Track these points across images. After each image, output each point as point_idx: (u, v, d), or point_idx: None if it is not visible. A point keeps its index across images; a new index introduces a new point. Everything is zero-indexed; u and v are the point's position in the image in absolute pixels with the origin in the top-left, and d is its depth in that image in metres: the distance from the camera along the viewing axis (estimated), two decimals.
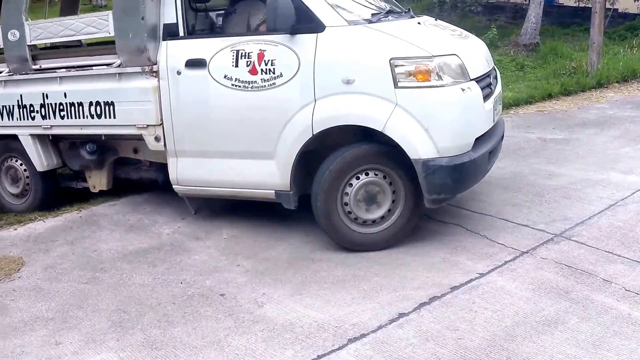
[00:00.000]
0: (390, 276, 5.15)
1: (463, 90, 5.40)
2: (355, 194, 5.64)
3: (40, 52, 7.40)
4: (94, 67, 6.58)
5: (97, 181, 7.19)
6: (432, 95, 5.33)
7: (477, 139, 5.60)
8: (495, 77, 6.43)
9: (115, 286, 5.30)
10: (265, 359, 4.15)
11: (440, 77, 5.33)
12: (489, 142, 5.83)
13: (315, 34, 5.52)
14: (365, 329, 4.40)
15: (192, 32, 6.36)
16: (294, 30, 5.54)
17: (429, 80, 5.31)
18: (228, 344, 4.35)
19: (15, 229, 6.69)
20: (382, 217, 5.71)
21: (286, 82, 5.62)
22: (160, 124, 6.20)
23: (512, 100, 11.18)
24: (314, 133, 5.57)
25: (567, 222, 5.99)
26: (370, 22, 5.72)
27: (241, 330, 4.50)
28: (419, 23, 6.14)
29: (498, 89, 6.36)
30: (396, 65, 5.31)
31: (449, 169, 5.33)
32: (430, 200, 5.46)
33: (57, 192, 7.57)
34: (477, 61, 5.92)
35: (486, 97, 5.77)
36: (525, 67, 14.05)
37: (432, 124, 5.31)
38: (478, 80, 5.67)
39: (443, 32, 6.19)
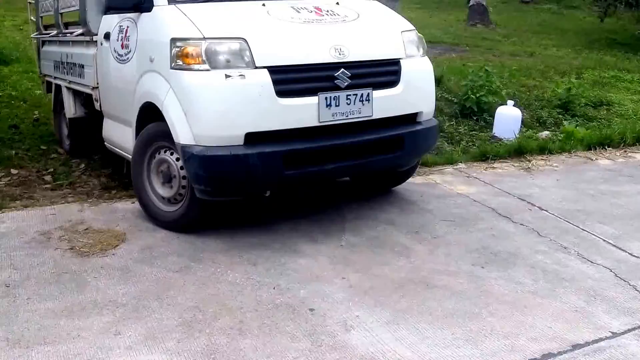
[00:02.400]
0: (507, 318, 4.39)
1: (228, 77, 5.15)
2: (154, 171, 5.80)
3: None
4: (67, 35, 7.82)
5: None
6: (191, 79, 5.23)
7: (276, 137, 5.29)
8: (374, 75, 5.78)
9: (204, 280, 4.87)
10: None
11: (205, 61, 5.18)
12: (294, 144, 5.36)
13: (147, 13, 5.78)
14: None
15: None
16: (134, 8, 5.87)
17: (194, 63, 5.22)
18: None
19: (133, 202, 6.38)
20: (181, 196, 5.69)
21: (132, 57, 5.96)
22: (97, 87, 6.88)
23: None
24: (139, 107, 5.83)
25: None
26: (195, 1, 5.73)
27: (313, 356, 3.91)
28: (263, 4, 5.79)
29: (380, 92, 5.73)
30: (173, 47, 5.32)
31: (200, 159, 5.17)
32: (197, 190, 5.39)
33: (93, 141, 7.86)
34: (294, 49, 5.46)
35: (306, 92, 5.36)
36: None
37: (190, 109, 5.22)
38: (287, 70, 5.33)
39: (273, 15, 5.68)
